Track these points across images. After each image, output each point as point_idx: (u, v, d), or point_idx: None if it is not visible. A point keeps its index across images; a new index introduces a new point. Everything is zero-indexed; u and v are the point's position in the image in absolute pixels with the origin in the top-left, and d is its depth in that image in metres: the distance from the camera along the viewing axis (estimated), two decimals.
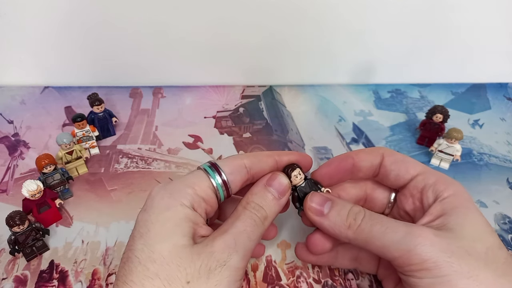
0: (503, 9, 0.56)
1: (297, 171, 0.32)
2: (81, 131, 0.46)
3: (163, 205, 0.28)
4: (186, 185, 0.29)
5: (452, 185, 0.29)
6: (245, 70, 0.60)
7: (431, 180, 0.30)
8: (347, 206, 0.30)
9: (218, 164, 0.30)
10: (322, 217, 0.30)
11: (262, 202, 0.30)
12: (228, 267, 0.26)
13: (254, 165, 0.31)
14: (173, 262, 0.25)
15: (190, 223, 0.27)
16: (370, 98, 0.60)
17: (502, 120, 0.57)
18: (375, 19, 0.55)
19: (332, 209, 0.30)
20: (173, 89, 0.59)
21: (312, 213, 0.30)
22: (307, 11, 0.53)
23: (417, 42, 0.58)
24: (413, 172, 0.31)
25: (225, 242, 0.27)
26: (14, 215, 0.35)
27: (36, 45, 0.55)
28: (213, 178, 0.29)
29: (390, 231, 0.27)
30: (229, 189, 0.30)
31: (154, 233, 0.26)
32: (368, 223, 0.28)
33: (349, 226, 0.29)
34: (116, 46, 0.55)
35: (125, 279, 0.25)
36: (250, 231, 0.28)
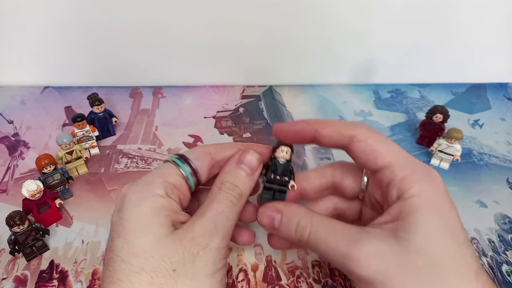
0: (503, 9, 0.56)
1: (286, 148, 0.31)
2: (81, 131, 0.46)
3: (135, 200, 0.27)
4: (156, 176, 0.29)
5: (419, 182, 0.27)
6: (245, 70, 0.60)
7: (398, 176, 0.27)
8: (294, 220, 0.29)
9: (184, 154, 0.31)
10: (275, 230, 0.30)
11: (236, 180, 0.30)
12: (211, 249, 0.27)
13: (218, 152, 0.32)
14: (156, 253, 0.25)
15: (166, 212, 0.27)
16: (370, 98, 0.60)
17: (502, 120, 0.57)
18: (375, 19, 0.55)
19: (281, 223, 0.30)
20: (173, 89, 0.59)
21: (266, 228, 0.31)
22: (307, 11, 0.53)
23: (417, 42, 0.58)
24: (381, 164, 0.28)
25: (204, 226, 0.27)
26: (14, 215, 0.35)
27: (36, 45, 0.55)
28: (181, 167, 0.30)
29: (332, 252, 0.27)
30: (198, 175, 0.31)
31: (131, 229, 0.26)
32: (314, 241, 0.28)
33: (297, 240, 0.29)
34: (116, 46, 0.55)
35: (111, 279, 0.25)
36: (227, 212, 0.29)
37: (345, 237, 0.27)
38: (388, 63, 0.61)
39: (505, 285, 0.37)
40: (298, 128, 0.31)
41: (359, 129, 0.29)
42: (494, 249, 0.40)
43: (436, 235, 0.25)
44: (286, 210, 0.30)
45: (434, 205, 0.26)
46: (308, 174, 0.34)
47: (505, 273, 0.38)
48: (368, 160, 0.29)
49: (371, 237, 0.26)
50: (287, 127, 0.32)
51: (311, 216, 0.29)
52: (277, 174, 0.31)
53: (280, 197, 0.32)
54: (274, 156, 0.32)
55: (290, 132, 0.31)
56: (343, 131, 0.30)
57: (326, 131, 0.30)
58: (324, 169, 0.34)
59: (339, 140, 0.30)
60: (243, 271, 0.37)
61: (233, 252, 0.39)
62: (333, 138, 0.30)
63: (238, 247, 0.39)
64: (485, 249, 0.40)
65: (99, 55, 0.56)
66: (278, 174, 0.31)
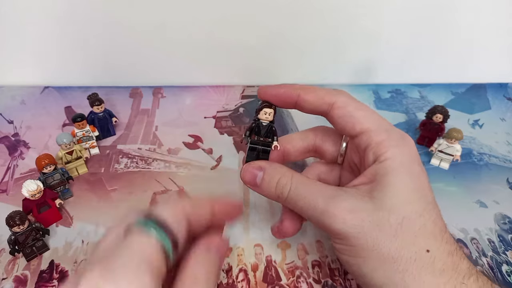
0: (503, 9, 0.56)
1: (269, 110, 0.32)
2: (81, 131, 0.46)
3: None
4: (137, 264, 0.20)
5: (394, 147, 0.29)
6: (245, 70, 0.60)
7: (374, 141, 0.29)
8: (275, 178, 0.31)
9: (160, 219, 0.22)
10: (256, 187, 0.32)
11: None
12: None
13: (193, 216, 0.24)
14: None
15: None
16: (370, 98, 0.60)
17: (502, 120, 0.57)
18: (375, 19, 0.55)
19: (263, 180, 0.31)
20: (173, 89, 0.59)
21: (247, 184, 0.32)
22: (307, 11, 0.53)
23: (417, 42, 0.58)
24: (359, 130, 0.30)
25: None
26: (14, 215, 0.35)
27: (36, 45, 0.55)
28: (165, 242, 0.21)
29: (311, 208, 0.29)
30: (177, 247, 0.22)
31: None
32: (293, 198, 0.30)
33: (277, 197, 0.31)
34: (116, 46, 0.55)
35: None
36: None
37: (323, 194, 0.29)
38: (388, 63, 0.61)
39: (505, 285, 0.37)
40: (282, 91, 0.32)
41: (339, 96, 0.31)
42: (494, 249, 0.40)
43: (406, 195, 0.27)
44: (268, 168, 0.32)
45: (406, 168, 0.28)
46: (291, 136, 0.35)
47: (505, 273, 0.38)
48: (347, 126, 0.30)
49: (347, 195, 0.28)
50: (272, 89, 0.32)
51: (291, 175, 0.31)
52: (261, 135, 0.32)
53: (264, 157, 0.33)
54: (258, 117, 0.32)
55: (274, 94, 0.32)
56: (325, 97, 0.31)
57: (309, 97, 0.31)
58: (307, 132, 0.35)
59: (320, 106, 0.31)
60: (243, 271, 0.37)
61: (233, 252, 0.39)
62: (314, 103, 0.31)
63: (238, 247, 0.39)
64: (485, 249, 0.40)
65: (99, 55, 0.56)
66: (262, 135, 0.32)
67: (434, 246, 0.26)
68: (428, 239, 0.27)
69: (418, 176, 0.29)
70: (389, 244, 0.26)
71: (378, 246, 0.26)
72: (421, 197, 0.28)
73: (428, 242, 0.26)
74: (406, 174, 0.28)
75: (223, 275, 0.37)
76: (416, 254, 0.26)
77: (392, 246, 0.26)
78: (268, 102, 0.32)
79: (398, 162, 0.28)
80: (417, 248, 0.26)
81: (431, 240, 0.27)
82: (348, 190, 0.29)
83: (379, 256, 0.26)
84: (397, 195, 0.27)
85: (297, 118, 0.56)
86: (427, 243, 0.26)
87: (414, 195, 0.28)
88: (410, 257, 0.26)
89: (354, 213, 0.27)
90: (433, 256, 0.26)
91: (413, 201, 0.27)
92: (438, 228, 0.27)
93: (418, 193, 0.28)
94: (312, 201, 0.29)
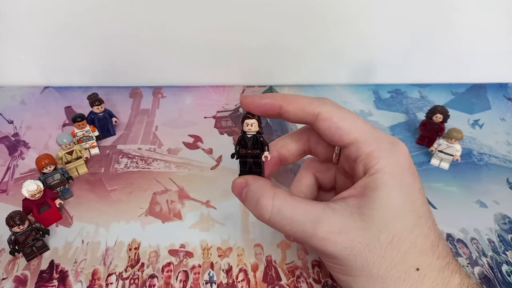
0: (503, 9, 0.56)
1: (251, 121, 0.31)
2: (81, 131, 0.46)
3: None
4: None
5: (385, 158, 0.28)
6: (245, 70, 0.60)
7: (363, 152, 0.28)
8: (255, 196, 0.30)
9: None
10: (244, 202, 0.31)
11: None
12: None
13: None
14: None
15: None
16: (370, 98, 0.60)
17: (502, 120, 0.57)
18: (375, 19, 0.55)
19: (246, 197, 0.31)
20: (173, 89, 0.59)
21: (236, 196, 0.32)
22: (307, 11, 0.53)
23: (417, 42, 0.58)
24: (347, 141, 0.29)
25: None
26: (14, 215, 0.35)
27: (36, 45, 0.55)
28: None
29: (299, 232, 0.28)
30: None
31: None
32: (277, 222, 0.29)
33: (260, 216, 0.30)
34: (116, 46, 0.55)
35: None
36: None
37: (309, 217, 0.28)
38: (388, 63, 0.61)
39: (505, 285, 0.37)
40: (263, 103, 0.31)
41: (323, 106, 0.29)
42: (494, 249, 0.40)
43: (397, 211, 0.27)
44: (251, 184, 0.31)
45: (396, 181, 0.27)
46: (284, 140, 0.34)
47: (505, 273, 0.38)
48: (334, 137, 0.29)
49: (336, 214, 0.27)
50: (254, 101, 0.31)
51: (273, 194, 0.29)
52: (248, 148, 0.31)
53: (257, 169, 0.32)
54: (243, 131, 0.31)
55: (256, 106, 0.31)
56: (307, 108, 0.30)
57: (290, 108, 0.30)
58: (300, 134, 0.34)
59: (304, 117, 0.30)
60: (243, 271, 0.37)
61: (233, 252, 0.39)
62: (297, 115, 0.30)
63: (238, 247, 0.39)
64: (485, 249, 0.40)
65: (99, 55, 0.56)
66: (249, 148, 0.31)
67: (424, 264, 0.26)
68: (418, 257, 0.26)
69: (410, 189, 0.27)
70: (379, 265, 0.26)
71: (368, 266, 0.26)
72: (412, 211, 0.27)
73: (418, 259, 0.26)
74: (396, 187, 0.27)
75: (223, 275, 0.37)
76: (405, 273, 0.26)
77: (381, 266, 0.26)
78: (250, 113, 0.31)
79: (388, 174, 0.27)
80: (407, 267, 0.26)
81: (421, 257, 0.26)
82: (336, 208, 0.28)
83: (368, 276, 0.26)
84: (387, 212, 0.26)
85: None
86: (417, 260, 0.26)
87: (404, 210, 0.27)
88: (399, 277, 0.26)
89: (344, 233, 0.26)
90: (423, 274, 0.26)
91: (404, 217, 0.27)
92: (429, 243, 0.27)
93: (409, 208, 0.27)
94: (299, 225, 0.28)
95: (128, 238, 0.39)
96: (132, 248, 0.38)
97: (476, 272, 0.38)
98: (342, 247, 0.26)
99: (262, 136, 0.31)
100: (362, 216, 0.27)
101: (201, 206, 0.43)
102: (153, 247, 0.39)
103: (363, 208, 0.27)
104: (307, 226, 0.27)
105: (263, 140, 0.31)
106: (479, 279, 0.37)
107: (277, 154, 0.34)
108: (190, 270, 0.37)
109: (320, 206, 0.28)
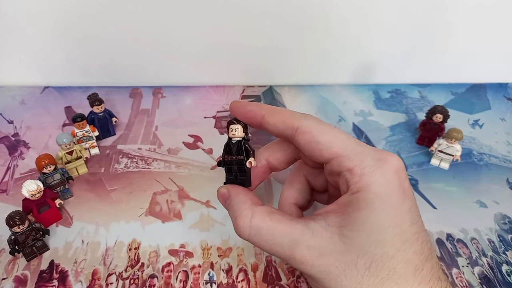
0: (503, 9, 0.56)
1: (235, 126, 0.31)
2: (81, 131, 0.46)
3: None
4: None
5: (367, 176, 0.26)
6: (245, 70, 0.60)
7: (345, 167, 0.27)
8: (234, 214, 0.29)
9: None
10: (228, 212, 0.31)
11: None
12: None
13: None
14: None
15: None
16: (370, 98, 0.60)
17: (502, 120, 0.57)
18: (375, 19, 0.55)
19: (228, 210, 0.30)
20: (173, 89, 0.59)
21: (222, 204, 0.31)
22: (307, 11, 0.53)
23: (417, 42, 0.58)
24: (328, 156, 0.28)
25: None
26: (14, 215, 0.35)
27: (36, 45, 0.55)
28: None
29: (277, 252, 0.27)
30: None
31: None
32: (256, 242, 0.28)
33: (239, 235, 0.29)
34: (116, 46, 0.55)
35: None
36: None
37: (288, 238, 0.27)
38: (388, 63, 0.61)
39: (505, 285, 0.37)
40: (248, 109, 0.30)
41: (303, 120, 0.28)
42: (494, 249, 0.40)
43: (378, 235, 0.25)
44: (231, 199, 0.30)
45: (381, 201, 0.25)
46: (272, 148, 0.33)
47: (505, 273, 0.38)
48: (314, 152, 0.28)
49: (316, 237, 0.26)
50: (240, 106, 0.31)
51: (251, 214, 0.28)
52: (232, 154, 0.31)
53: (242, 176, 0.31)
54: (228, 136, 0.31)
55: (241, 111, 0.31)
56: (287, 121, 0.29)
57: (271, 119, 0.30)
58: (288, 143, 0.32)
59: (283, 130, 0.29)
60: (243, 271, 0.37)
61: (233, 252, 0.39)
62: (277, 127, 0.29)
63: (238, 247, 0.39)
64: (485, 249, 0.40)
65: (99, 55, 0.56)
66: (234, 154, 0.31)
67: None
68: (396, 284, 0.25)
69: (397, 210, 0.25)
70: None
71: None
72: (396, 236, 0.25)
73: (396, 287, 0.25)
74: (380, 209, 0.25)
75: (223, 275, 0.37)
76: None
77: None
78: (235, 118, 0.31)
79: (372, 194, 0.25)
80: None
81: (401, 284, 0.25)
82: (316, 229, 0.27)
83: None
84: (368, 236, 0.25)
85: None
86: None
87: (388, 235, 0.25)
88: None
89: (322, 257, 0.26)
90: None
91: (385, 242, 0.25)
92: (411, 268, 0.25)
93: (393, 232, 0.25)
94: (277, 247, 0.27)
95: (128, 238, 0.39)
96: (132, 248, 0.38)
97: (476, 272, 0.38)
98: (319, 270, 0.26)
99: (247, 143, 0.31)
100: (342, 238, 0.26)
101: (201, 206, 0.43)
102: (153, 247, 0.39)
103: (343, 228, 0.26)
104: (285, 248, 0.27)
105: (247, 146, 0.31)
106: (479, 279, 0.37)
107: (266, 163, 0.32)
108: (190, 270, 0.37)
109: (299, 228, 0.27)
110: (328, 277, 0.26)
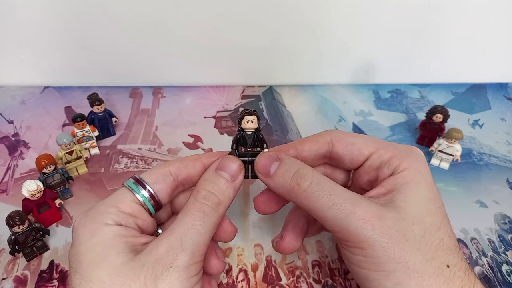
0: (503, 9, 0.56)
1: (251, 117, 0.30)
2: (81, 131, 0.46)
3: (87, 232, 0.25)
4: (107, 205, 0.27)
5: (407, 158, 0.29)
6: (245, 70, 0.60)
7: (385, 157, 0.30)
8: (293, 168, 0.28)
9: (141, 178, 0.28)
10: (267, 178, 0.29)
11: (214, 187, 0.28)
12: (175, 268, 0.24)
13: (180, 171, 0.29)
14: (115, 283, 0.23)
15: (122, 239, 0.25)
16: (370, 98, 0.60)
17: (502, 120, 0.57)
18: (374, 19, 0.55)
19: (278, 169, 0.29)
20: (173, 89, 0.59)
21: (259, 173, 0.30)
22: (307, 11, 0.53)
23: (417, 42, 0.58)
24: (367, 152, 0.30)
25: (169, 244, 0.25)
26: (14, 215, 0.35)
27: (36, 45, 0.55)
28: (137, 192, 0.27)
29: (336, 208, 0.26)
30: (157, 199, 0.28)
31: (86, 263, 0.24)
32: (314, 192, 0.27)
33: (292, 189, 0.28)
34: (116, 46, 0.55)
35: None
36: (199, 225, 0.26)
37: (349, 194, 0.27)
38: (388, 63, 0.61)
39: (505, 285, 0.37)
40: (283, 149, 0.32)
41: (332, 133, 0.32)
42: (494, 249, 0.40)
43: (426, 206, 0.27)
44: (286, 158, 0.29)
45: (423, 178, 0.28)
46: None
47: (505, 273, 0.38)
48: (353, 154, 0.31)
49: (372, 202, 0.27)
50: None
51: (312, 169, 0.29)
52: (248, 146, 0.30)
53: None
54: (241, 127, 0.31)
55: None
56: (319, 139, 0.32)
57: (305, 145, 0.32)
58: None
59: (319, 148, 0.31)
60: (243, 271, 0.37)
61: (233, 252, 0.39)
62: (312, 148, 0.31)
63: (238, 247, 0.39)
64: (485, 249, 0.40)
65: (99, 55, 0.56)
66: (249, 146, 0.30)
67: (452, 262, 0.26)
68: (447, 254, 0.26)
69: (433, 187, 0.28)
70: (415, 257, 0.25)
71: (405, 258, 0.25)
72: (438, 209, 0.27)
73: (447, 257, 0.26)
74: (424, 184, 0.28)
75: (223, 275, 0.37)
76: (438, 269, 0.25)
77: (417, 260, 0.25)
78: (249, 109, 0.31)
79: (415, 171, 0.28)
80: (439, 262, 0.25)
81: (450, 255, 0.26)
82: (370, 199, 0.28)
83: (404, 270, 0.25)
84: (418, 205, 0.27)
85: (297, 118, 0.56)
86: (446, 258, 0.26)
87: (432, 207, 0.27)
88: (433, 272, 0.25)
89: (382, 220, 0.26)
90: (453, 272, 0.25)
91: (432, 213, 0.27)
92: (453, 243, 0.27)
93: (435, 205, 0.27)
94: (337, 199, 0.26)
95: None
96: None
97: (476, 272, 0.38)
98: (380, 232, 0.25)
99: (261, 133, 0.31)
100: (396, 209, 0.26)
101: None
102: None
103: (395, 201, 0.27)
104: (347, 202, 0.26)
105: (262, 137, 0.31)
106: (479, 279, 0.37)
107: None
108: None
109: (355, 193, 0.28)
110: (390, 241, 0.25)
